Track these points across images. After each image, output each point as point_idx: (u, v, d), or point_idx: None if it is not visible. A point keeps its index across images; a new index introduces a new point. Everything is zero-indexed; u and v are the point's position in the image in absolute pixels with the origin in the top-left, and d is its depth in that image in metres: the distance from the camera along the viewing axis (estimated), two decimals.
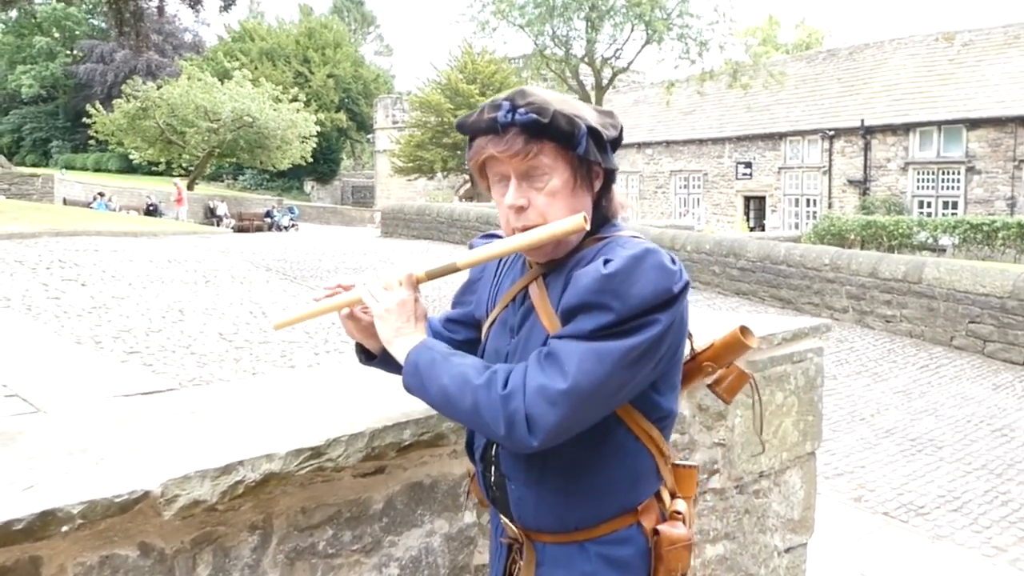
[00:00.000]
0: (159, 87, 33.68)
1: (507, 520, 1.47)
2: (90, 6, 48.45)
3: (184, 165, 35.40)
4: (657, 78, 30.38)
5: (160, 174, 39.31)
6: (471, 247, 1.71)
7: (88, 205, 28.25)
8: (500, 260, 1.58)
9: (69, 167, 46.39)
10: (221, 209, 30.61)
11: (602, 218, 1.43)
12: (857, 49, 28.26)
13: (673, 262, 1.27)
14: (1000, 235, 18.04)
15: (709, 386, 1.67)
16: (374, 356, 1.63)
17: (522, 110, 1.30)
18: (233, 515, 1.59)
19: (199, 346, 6.27)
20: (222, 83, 33.69)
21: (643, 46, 24.41)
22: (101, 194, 31.03)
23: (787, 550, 3.06)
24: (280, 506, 1.66)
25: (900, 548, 4.14)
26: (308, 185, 51.99)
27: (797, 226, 25.43)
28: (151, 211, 28.38)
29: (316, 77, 50.01)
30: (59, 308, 7.14)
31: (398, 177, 38.31)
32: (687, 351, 1.58)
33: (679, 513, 1.43)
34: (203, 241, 14.50)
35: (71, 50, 53.36)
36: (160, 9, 23.86)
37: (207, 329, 6.82)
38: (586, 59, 26.34)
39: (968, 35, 24.75)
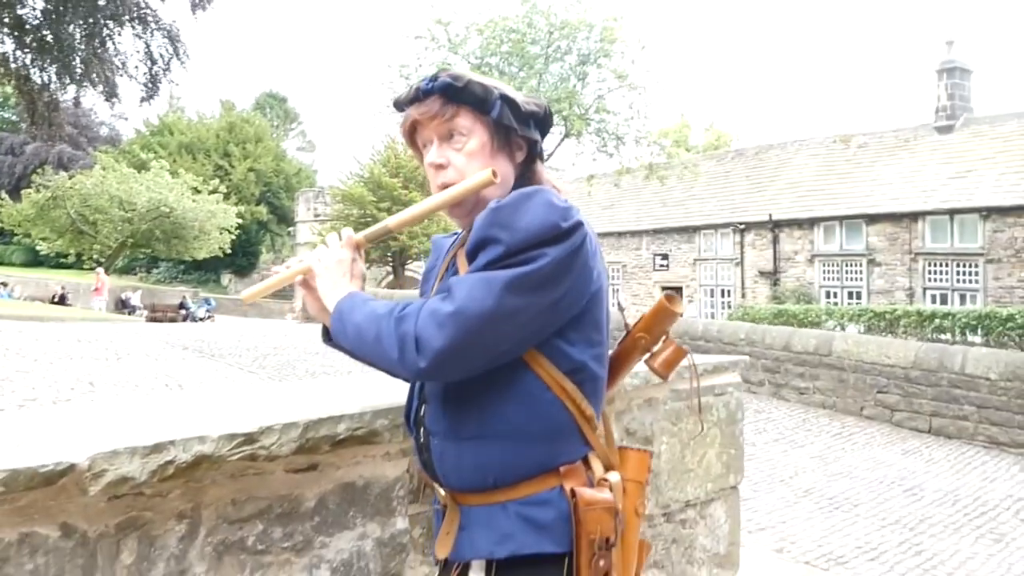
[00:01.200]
0: (71, 177, 32.92)
1: (436, 484, 1.48)
2: (1, 99, 47.58)
3: (96, 257, 34.20)
4: (576, 173, 31.26)
5: (70, 267, 38.05)
6: (432, 243, 1.80)
7: None
8: (449, 247, 1.64)
9: None
10: (135, 299, 29.70)
11: None
12: (763, 149, 29.87)
13: (565, 203, 1.34)
14: (902, 322, 18.87)
15: (646, 362, 1.70)
16: None
17: (442, 78, 1.44)
18: (161, 501, 1.55)
19: None
20: (140, 172, 33.16)
21: (562, 140, 25.24)
22: (4, 284, 29.85)
23: None
24: (210, 496, 1.63)
25: None
26: (226, 278, 51.05)
27: (713, 315, 26.16)
28: (59, 301, 27.35)
29: (237, 171, 49.75)
30: None
31: None
32: (622, 326, 1.66)
33: (606, 481, 1.42)
34: (114, 326, 14.03)
35: None
36: (76, 101, 23.44)
37: (118, 400, 6.56)
38: None
39: (863, 138, 26.44)
